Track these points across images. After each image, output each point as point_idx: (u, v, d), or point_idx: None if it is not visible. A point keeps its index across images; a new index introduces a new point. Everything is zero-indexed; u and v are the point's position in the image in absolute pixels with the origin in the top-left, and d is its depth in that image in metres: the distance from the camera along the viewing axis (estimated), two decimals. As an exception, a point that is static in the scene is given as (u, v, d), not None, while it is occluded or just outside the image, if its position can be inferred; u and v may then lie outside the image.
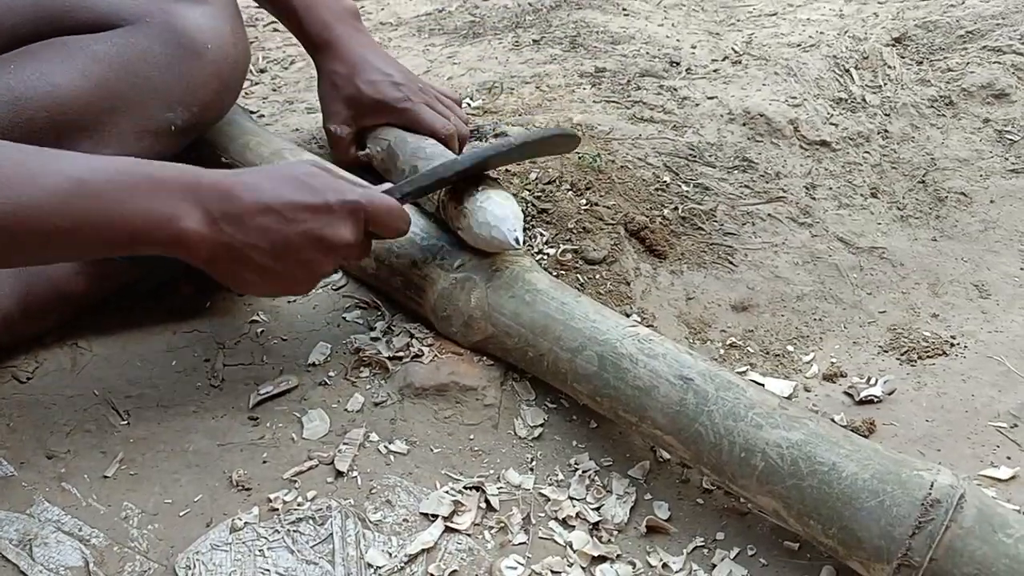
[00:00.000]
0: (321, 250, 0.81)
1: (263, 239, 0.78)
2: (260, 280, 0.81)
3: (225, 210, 0.77)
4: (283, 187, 0.80)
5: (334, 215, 0.81)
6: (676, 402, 0.82)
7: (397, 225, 0.87)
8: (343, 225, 0.82)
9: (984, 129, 1.34)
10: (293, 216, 0.79)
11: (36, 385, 0.94)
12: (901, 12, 1.55)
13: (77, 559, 0.78)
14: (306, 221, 0.80)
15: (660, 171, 1.23)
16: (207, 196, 0.76)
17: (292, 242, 0.79)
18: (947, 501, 0.70)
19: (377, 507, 0.83)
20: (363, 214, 0.83)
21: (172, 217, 0.75)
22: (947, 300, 1.13)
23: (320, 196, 0.81)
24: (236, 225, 0.77)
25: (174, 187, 0.75)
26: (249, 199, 0.78)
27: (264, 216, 0.78)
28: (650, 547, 0.82)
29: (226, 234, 0.77)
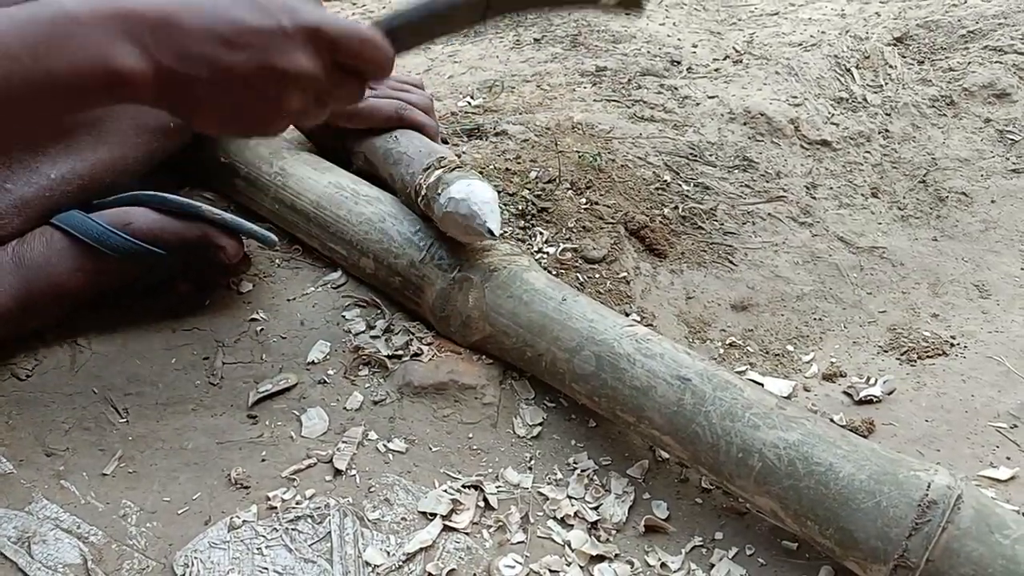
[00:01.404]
0: (278, 80, 0.69)
1: (207, 69, 0.67)
2: (217, 116, 0.71)
3: (163, 39, 0.66)
4: (230, 8, 0.68)
5: (289, 39, 0.69)
6: (674, 402, 0.82)
7: (373, 54, 0.73)
8: (300, 52, 0.69)
9: (985, 129, 1.34)
10: (239, 40, 0.67)
11: (35, 382, 0.94)
12: (903, 12, 1.55)
13: (76, 557, 0.78)
14: (254, 47, 0.68)
15: (660, 170, 1.23)
16: (139, 25, 0.65)
17: (240, 72, 0.68)
18: (944, 502, 0.70)
19: (376, 506, 0.83)
20: (326, 40, 0.70)
21: (103, 58, 0.64)
22: (947, 300, 1.13)
23: (271, 18, 0.68)
24: (177, 55, 0.66)
25: (98, 22, 0.64)
26: (188, 23, 0.66)
27: (206, 43, 0.67)
28: (648, 546, 0.82)
29: (165, 67, 0.66)
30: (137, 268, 0.99)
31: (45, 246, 0.94)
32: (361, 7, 1.90)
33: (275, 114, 0.72)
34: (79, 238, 0.94)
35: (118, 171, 0.99)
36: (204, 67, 0.67)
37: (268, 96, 0.70)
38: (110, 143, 0.97)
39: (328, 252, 1.07)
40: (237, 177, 1.13)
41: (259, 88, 0.69)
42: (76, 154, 0.97)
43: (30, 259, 0.93)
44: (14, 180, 0.94)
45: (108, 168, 0.99)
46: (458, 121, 1.32)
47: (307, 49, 0.70)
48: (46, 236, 0.95)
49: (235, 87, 0.68)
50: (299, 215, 1.07)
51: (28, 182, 0.95)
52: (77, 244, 0.95)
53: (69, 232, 0.95)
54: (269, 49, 0.68)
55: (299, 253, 1.11)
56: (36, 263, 0.93)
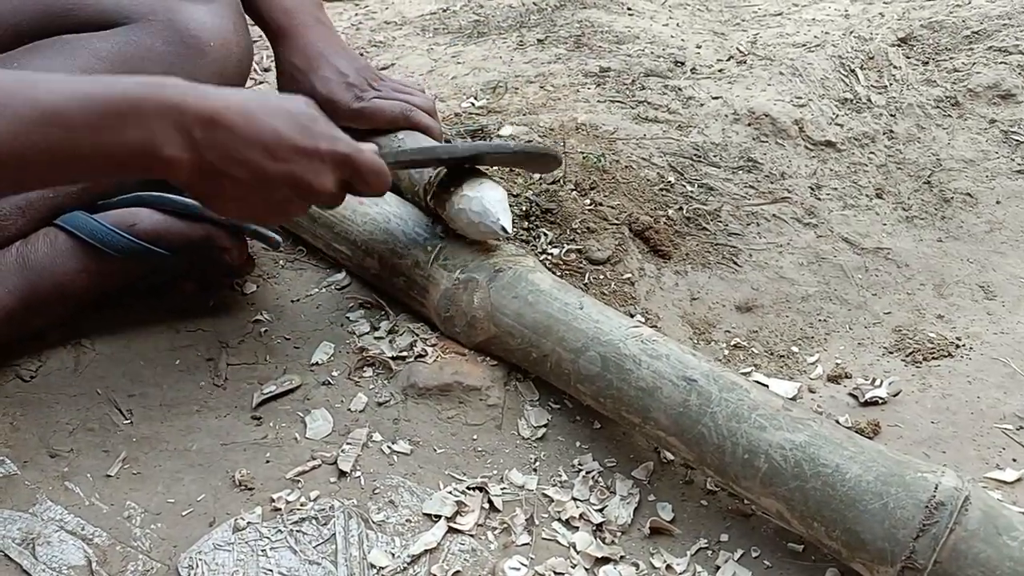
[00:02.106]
0: (301, 194, 0.78)
1: (246, 172, 0.74)
2: (233, 206, 0.78)
3: (210, 138, 0.72)
4: (276, 120, 0.75)
5: (323, 163, 0.77)
6: (679, 403, 0.81)
7: (379, 186, 0.83)
8: (328, 174, 0.78)
9: (990, 130, 1.34)
10: (282, 155, 0.75)
11: (39, 384, 0.94)
12: (906, 12, 1.55)
13: (80, 558, 0.78)
14: (293, 162, 0.76)
15: (664, 171, 1.23)
16: (192, 122, 0.71)
17: (274, 180, 0.75)
18: (951, 503, 0.70)
19: (380, 507, 0.83)
20: (350, 169, 0.80)
21: (152, 145, 0.69)
22: (953, 301, 1.13)
23: (313, 140, 0.77)
24: (221, 154, 0.72)
25: (154, 110, 0.70)
26: (238, 128, 0.73)
27: (251, 149, 0.73)
28: (654, 548, 0.82)
29: (207, 161, 0.72)
30: (141, 269, 0.99)
31: (49, 247, 0.94)
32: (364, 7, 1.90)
33: (283, 213, 0.80)
34: (83, 239, 0.94)
35: None
36: (243, 169, 0.74)
37: (285, 200, 0.78)
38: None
39: (332, 252, 1.07)
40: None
41: (283, 194, 0.77)
42: (80, 156, 0.97)
43: (34, 260, 0.93)
44: (18, 181, 0.94)
45: None
46: (462, 122, 1.32)
47: (333, 173, 0.79)
48: (50, 237, 0.95)
49: (261, 189, 0.76)
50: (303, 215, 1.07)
51: (32, 183, 0.95)
52: (81, 245, 0.94)
53: (73, 233, 0.95)
54: (303, 166, 0.76)
55: (303, 254, 1.11)
56: (40, 264, 0.93)
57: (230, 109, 0.73)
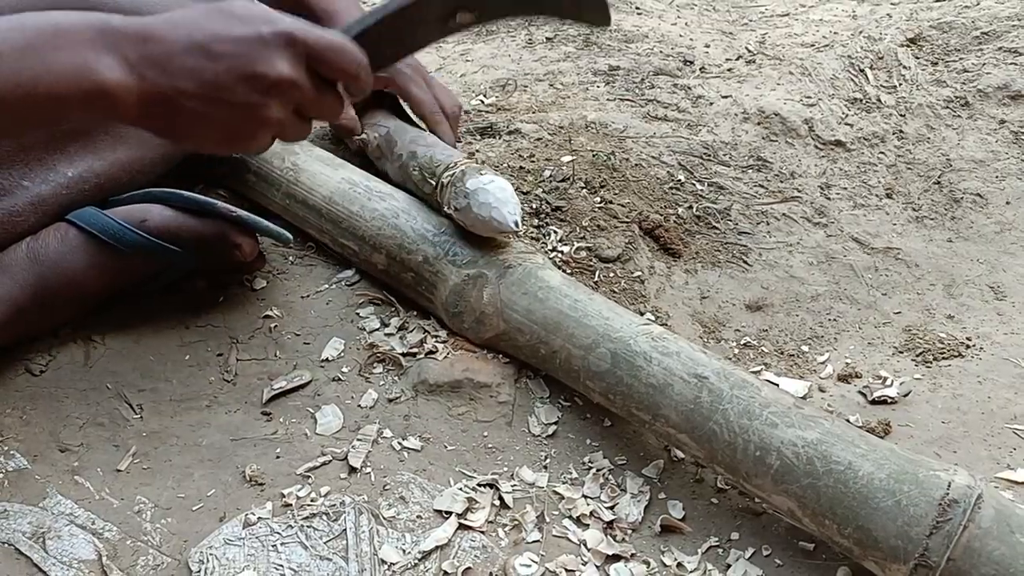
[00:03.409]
0: (258, 89, 0.69)
1: (190, 80, 0.68)
2: (202, 131, 0.71)
3: (144, 52, 0.67)
4: (207, 20, 0.69)
5: (267, 47, 0.69)
6: (690, 400, 0.81)
7: (347, 63, 0.73)
8: (278, 58, 0.69)
9: (1000, 130, 1.34)
10: (219, 49, 0.68)
11: (49, 378, 0.94)
12: (914, 13, 1.55)
13: (90, 552, 0.78)
14: (235, 55, 0.69)
15: (674, 170, 1.23)
16: (121, 40, 0.67)
17: (222, 80, 0.68)
18: (965, 501, 0.69)
19: (391, 503, 0.83)
20: (303, 47, 0.71)
21: (86, 68, 0.65)
22: (963, 301, 1.13)
23: (249, 26, 0.69)
24: (159, 68, 0.67)
25: (83, 35, 0.66)
26: (169, 36, 0.68)
27: (188, 55, 0.68)
28: (664, 546, 0.82)
29: (149, 80, 0.67)
30: (152, 265, 0.99)
31: (60, 242, 0.94)
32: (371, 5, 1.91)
33: (258, 125, 0.72)
34: (95, 235, 0.94)
35: (135, 171, 0.99)
36: (187, 79, 0.67)
37: (250, 105, 0.70)
38: (128, 143, 0.97)
39: (339, 248, 1.07)
40: (248, 172, 1.13)
41: (241, 97, 0.69)
42: (94, 153, 0.97)
43: (45, 255, 0.93)
44: (31, 178, 0.94)
45: (125, 168, 0.99)
46: (471, 120, 1.32)
47: (285, 55, 0.70)
48: (61, 232, 0.95)
49: (218, 98, 0.69)
50: (311, 210, 1.07)
51: (45, 180, 0.95)
52: (93, 241, 0.95)
53: (85, 229, 0.95)
54: (249, 56, 0.69)
55: (312, 251, 1.11)
56: (52, 259, 0.93)
57: (157, 22, 0.69)
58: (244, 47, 0.69)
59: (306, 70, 0.72)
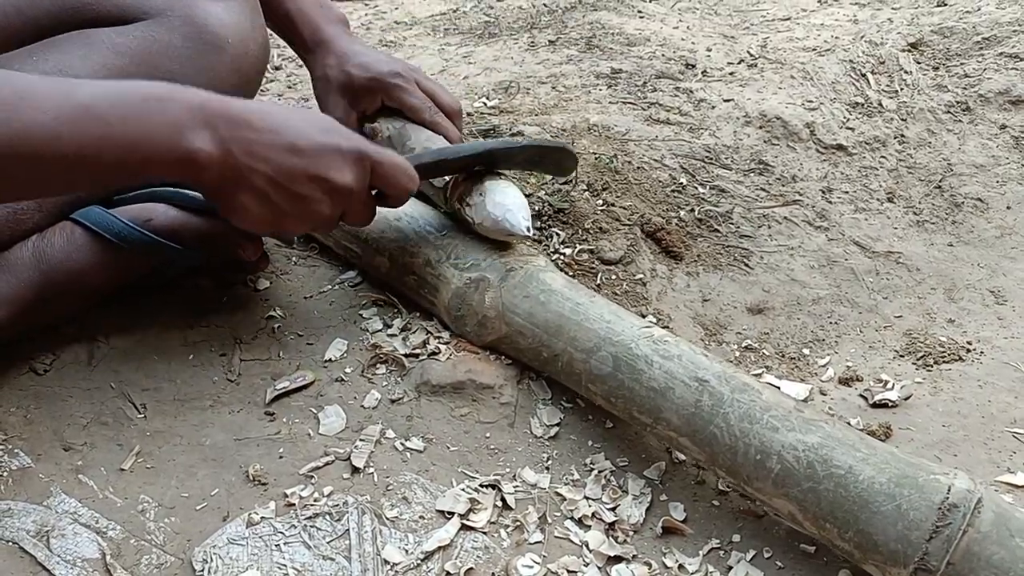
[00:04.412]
0: (322, 189, 0.80)
1: (270, 167, 0.77)
2: (257, 209, 0.80)
3: (236, 134, 0.76)
4: (296, 121, 0.80)
5: (341, 157, 0.81)
6: (691, 403, 0.82)
7: (403, 183, 0.86)
8: (348, 169, 0.81)
9: (1001, 135, 1.34)
10: (302, 149, 0.79)
11: (53, 377, 0.94)
12: (915, 18, 1.55)
13: (94, 551, 0.78)
14: (313, 156, 0.79)
15: (676, 173, 1.23)
16: (215, 118, 0.75)
17: (295, 173, 0.79)
18: (964, 505, 0.70)
19: (394, 504, 0.83)
20: (370, 164, 0.83)
21: (182, 138, 0.73)
22: (963, 305, 1.13)
23: (331, 137, 0.81)
24: (245, 149, 0.76)
25: (182, 108, 0.74)
26: (261, 126, 0.77)
27: (272, 145, 0.78)
28: (666, 548, 0.82)
29: (233, 156, 0.76)
30: (156, 264, 0.99)
31: (66, 241, 0.94)
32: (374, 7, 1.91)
33: (307, 217, 0.82)
34: (99, 234, 0.95)
35: None
36: (267, 164, 0.77)
37: (310, 200, 0.80)
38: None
39: (342, 250, 1.07)
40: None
41: (306, 192, 0.80)
42: (98, 150, 0.97)
43: (50, 254, 0.94)
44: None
45: None
46: (474, 122, 1.32)
47: (354, 168, 0.82)
48: (66, 231, 0.95)
49: (287, 188, 0.79)
50: (316, 214, 1.07)
51: (49, 178, 0.95)
52: (97, 240, 0.95)
53: (90, 228, 0.95)
54: (325, 160, 0.80)
55: (316, 251, 1.11)
56: (56, 258, 0.93)
57: (252, 110, 0.77)
58: (323, 152, 0.80)
59: (367, 181, 0.84)
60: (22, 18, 0.96)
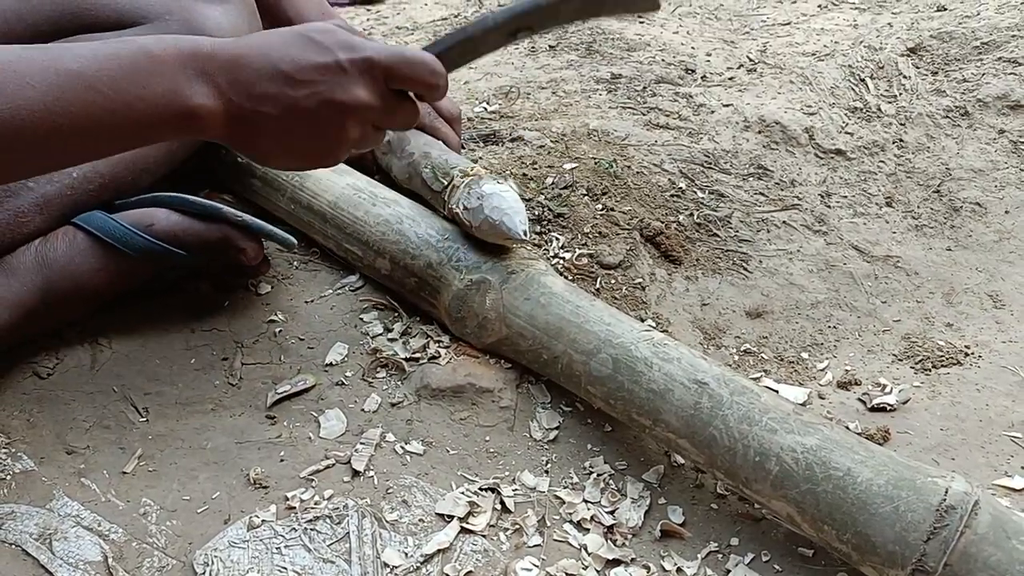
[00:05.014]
0: (338, 112, 0.75)
1: (274, 106, 0.73)
2: (282, 151, 0.77)
3: (233, 79, 0.72)
4: (291, 48, 0.74)
5: (346, 74, 0.74)
6: (691, 405, 0.82)
7: (425, 76, 0.78)
8: (357, 84, 0.75)
9: (999, 140, 1.34)
10: (302, 77, 0.73)
11: (56, 381, 0.95)
12: (915, 23, 1.56)
13: (96, 554, 0.79)
14: (315, 83, 0.73)
15: (676, 177, 1.23)
16: (212, 66, 0.72)
17: (304, 107, 0.74)
18: (962, 507, 0.70)
19: (393, 507, 0.83)
20: (381, 70, 0.75)
21: (178, 94, 0.70)
22: (962, 310, 1.14)
23: (329, 54, 0.74)
24: (246, 94, 0.72)
25: (175, 62, 0.70)
26: (256, 64, 0.72)
27: (272, 82, 0.73)
28: (664, 551, 0.83)
29: (236, 104, 0.72)
30: (158, 269, 1.00)
31: (68, 246, 0.95)
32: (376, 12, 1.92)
33: (336, 145, 0.77)
34: (102, 238, 0.95)
35: (139, 170, 1.00)
36: (270, 104, 0.73)
37: (330, 128, 0.75)
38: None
39: (343, 253, 1.08)
40: (254, 177, 1.14)
41: (322, 122, 0.75)
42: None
43: (53, 259, 0.94)
44: (36, 178, 0.95)
45: (129, 167, 0.99)
46: (474, 127, 1.33)
47: (363, 80, 0.75)
48: (69, 236, 0.96)
49: (299, 122, 0.74)
50: (315, 215, 1.08)
51: (50, 180, 0.95)
52: (100, 244, 0.95)
53: (92, 232, 0.95)
54: (329, 83, 0.74)
55: (317, 256, 1.12)
56: (59, 263, 0.94)
57: (244, 48, 0.73)
58: (325, 74, 0.74)
59: (384, 87, 0.77)
60: (22, 24, 0.96)
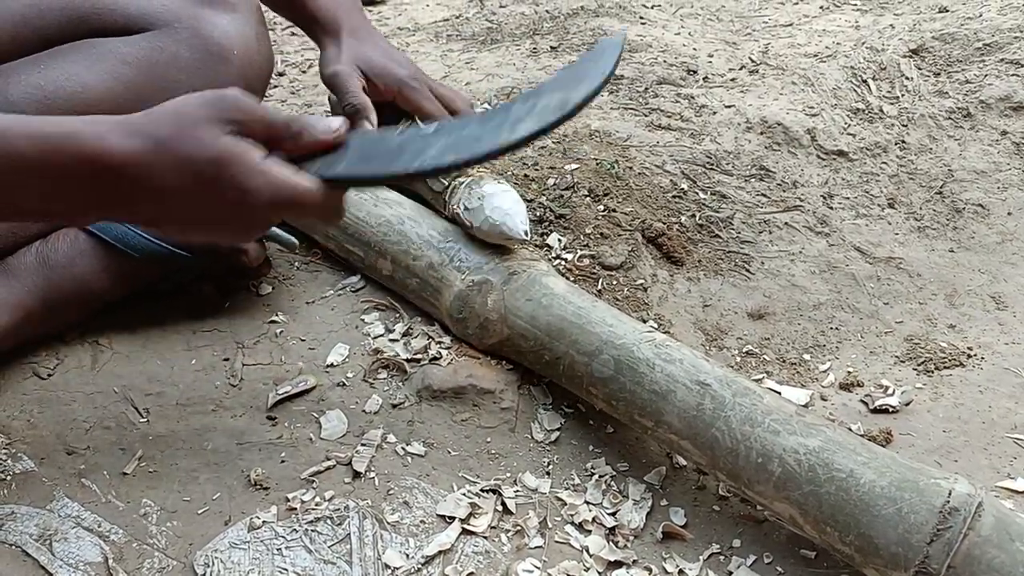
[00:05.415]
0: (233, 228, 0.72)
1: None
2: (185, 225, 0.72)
3: (116, 189, 0.67)
4: (188, 201, 0.68)
5: (239, 219, 0.71)
6: (693, 407, 0.82)
7: (316, 217, 0.74)
8: (248, 225, 0.72)
9: (1002, 141, 1.34)
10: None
11: (57, 382, 0.94)
12: (917, 24, 1.56)
13: (96, 555, 0.79)
14: (209, 221, 0.71)
15: (677, 178, 1.23)
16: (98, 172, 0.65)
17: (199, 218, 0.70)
18: (965, 509, 0.70)
19: (394, 508, 0.83)
20: (267, 213, 0.70)
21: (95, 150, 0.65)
22: (964, 311, 1.13)
23: (219, 213, 0.70)
24: (147, 218, 0.70)
25: (80, 181, 0.65)
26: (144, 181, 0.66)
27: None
28: (666, 553, 0.83)
29: (144, 212, 0.69)
30: (160, 270, 1.00)
31: (70, 246, 0.95)
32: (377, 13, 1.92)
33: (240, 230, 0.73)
34: (103, 239, 0.95)
35: None
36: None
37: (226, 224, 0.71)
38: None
39: (345, 254, 1.07)
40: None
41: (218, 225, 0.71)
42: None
43: (55, 259, 0.94)
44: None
45: None
46: (476, 128, 1.32)
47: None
48: (71, 236, 0.96)
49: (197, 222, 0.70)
50: (318, 218, 1.08)
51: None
52: (102, 245, 0.95)
53: (94, 233, 0.95)
54: (220, 222, 0.71)
55: (318, 257, 1.12)
56: (61, 263, 0.94)
57: (133, 160, 0.66)
58: (216, 221, 0.70)
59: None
60: (28, 27, 0.96)
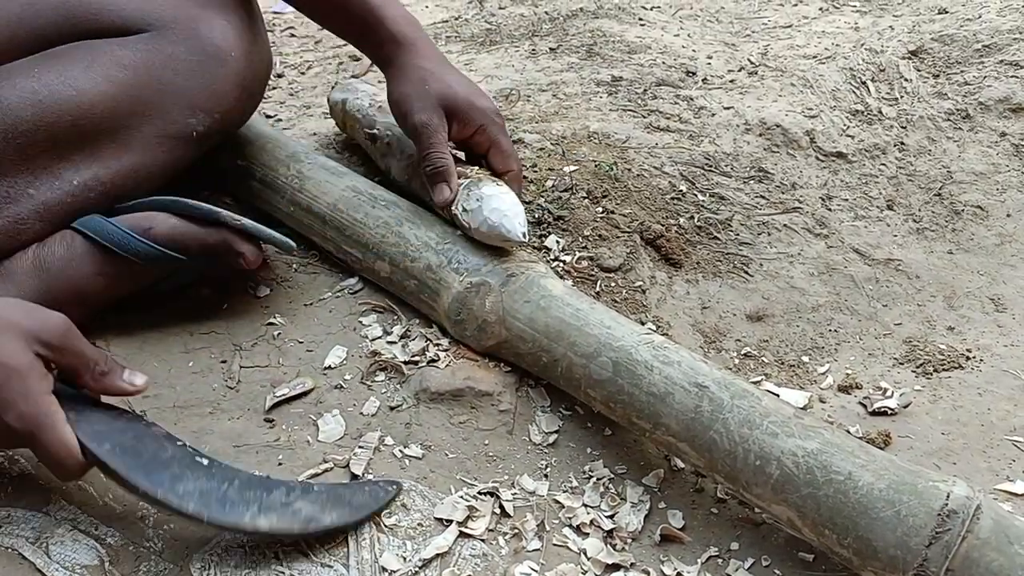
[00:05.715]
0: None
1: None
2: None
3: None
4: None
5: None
6: (691, 409, 0.82)
7: (48, 467, 0.76)
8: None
9: (1001, 143, 1.34)
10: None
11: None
12: (916, 26, 1.56)
13: (93, 558, 0.78)
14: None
15: (676, 180, 1.23)
16: None
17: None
18: (963, 512, 0.70)
19: (392, 511, 0.83)
20: (10, 436, 0.74)
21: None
22: (963, 313, 1.13)
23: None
24: None
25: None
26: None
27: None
28: (664, 556, 0.82)
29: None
30: (157, 272, 1.00)
31: (66, 250, 0.95)
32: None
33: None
34: (100, 242, 0.95)
35: (140, 179, 1.00)
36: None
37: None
38: (133, 151, 0.97)
39: (343, 255, 1.07)
40: (253, 179, 1.14)
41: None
42: (99, 161, 0.97)
43: (51, 263, 0.94)
44: (36, 186, 0.94)
45: (130, 175, 0.99)
46: (474, 130, 1.32)
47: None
48: (67, 240, 0.95)
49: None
50: (315, 218, 1.08)
51: (51, 188, 0.95)
52: (98, 248, 0.95)
53: (90, 236, 0.95)
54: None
55: (316, 259, 1.11)
56: (57, 267, 0.94)
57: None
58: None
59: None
60: (24, 28, 0.96)
